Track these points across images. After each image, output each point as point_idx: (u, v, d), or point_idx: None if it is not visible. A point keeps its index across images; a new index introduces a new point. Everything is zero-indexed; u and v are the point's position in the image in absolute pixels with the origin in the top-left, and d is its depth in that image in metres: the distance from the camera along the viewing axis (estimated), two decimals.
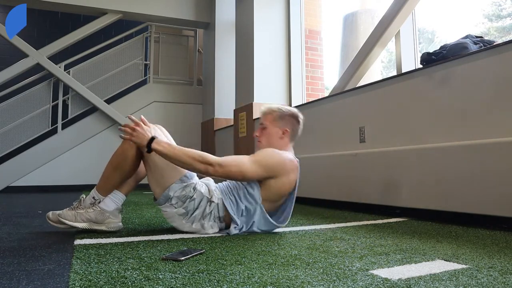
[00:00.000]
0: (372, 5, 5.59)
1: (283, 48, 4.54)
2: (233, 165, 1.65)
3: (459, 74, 2.16)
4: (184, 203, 1.68)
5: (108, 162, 1.75)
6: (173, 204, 1.68)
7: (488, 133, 1.97)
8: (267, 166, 1.69)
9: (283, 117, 1.84)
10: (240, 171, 1.66)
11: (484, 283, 0.97)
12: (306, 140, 3.48)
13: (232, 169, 1.65)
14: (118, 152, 1.73)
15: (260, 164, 1.68)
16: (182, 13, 5.78)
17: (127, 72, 5.90)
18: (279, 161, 1.72)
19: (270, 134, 1.84)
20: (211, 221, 1.71)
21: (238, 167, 1.65)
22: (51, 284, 0.97)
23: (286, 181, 1.73)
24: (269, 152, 1.74)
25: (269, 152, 1.74)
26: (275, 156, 1.72)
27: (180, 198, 1.68)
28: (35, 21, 6.45)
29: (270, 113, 1.86)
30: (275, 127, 1.83)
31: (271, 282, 0.98)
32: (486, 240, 1.57)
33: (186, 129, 5.92)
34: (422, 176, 2.25)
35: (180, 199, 1.68)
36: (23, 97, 5.40)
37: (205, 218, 1.70)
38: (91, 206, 1.73)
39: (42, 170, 5.29)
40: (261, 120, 1.88)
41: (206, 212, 1.70)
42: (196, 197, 1.69)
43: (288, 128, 1.84)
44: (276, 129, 1.83)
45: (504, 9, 4.90)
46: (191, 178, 1.72)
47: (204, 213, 1.70)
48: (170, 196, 1.67)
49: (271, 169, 1.69)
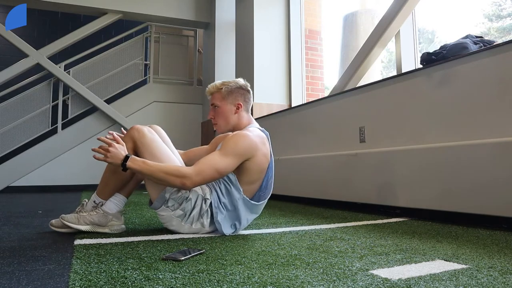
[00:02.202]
0: (372, 5, 5.59)
1: (283, 48, 4.55)
2: (207, 167, 1.59)
3: (459, 74, 2.16)
4: (180, 204, 1.67)
5: (106, 167, 1.75)
6: (169, 207, 1.67)
7: (488, 133, 1.97)
8: (238, 153, 1.63)
9: (232, 92, 1.78)
10: (216, 170, 1.60)
11: (484, 283, 0.97)
12: (306, 140, 3.49)
13: (208, 172, 1.58)
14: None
15: (232, 154, 1.62)
16: (182, 13, 5.78)
17: (127, 72, 5.90)
18: (248, 143, 1.65)
19: (224, 113, 1.78)
20: (209, 218, 1.70)
21: (212, 168, 1.59)
22: (51, 284, 0.97)
23: (262, 156, 1.69)
24: (235, 138, 1.66)
25: (235, 139, 1.65)
26: (242, 139, 1.65)
27: (176, 200, 1.67)
28: (35, 21, 6.45)
29: (217, 91, 1.80)
30: (227, 104, 1.78)
31: (271, 282, 0.98)
32: (486, 240, 1.57)
33: (186, 129, 5.92)
34: (422, 176, 2.25)
35: (176, 201, 1.67)
36: (23, 97, 5.40)
37: (203, 217, 1.69)
38: (94, 209, 1.73)
39: (42, 170, 5.29)
40: (211, 100, 1.82)
41: (203, 210, 1.69)
42: (192, 197, 1.68)
43: (240, 101, 1.79)
44: (229, 106, 1.78)
45: (504, 9, 4.90)
46: None
47: (201, 212, 1.69)
48: (166, 198, 1.66)
49: (244, 154, 1.64)
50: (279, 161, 3.43)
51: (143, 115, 5.69)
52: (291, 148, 3.60)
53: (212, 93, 1.82)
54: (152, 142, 1.70)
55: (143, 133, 1.69)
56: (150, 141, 1.69)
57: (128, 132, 1.72)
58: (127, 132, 1.73)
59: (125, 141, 1.69)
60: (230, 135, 1.70)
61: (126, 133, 1.73)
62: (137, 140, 1.68)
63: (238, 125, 1.80)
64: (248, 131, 1.71)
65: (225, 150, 1.63)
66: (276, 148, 2.64)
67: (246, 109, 1.82)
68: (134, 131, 1.71)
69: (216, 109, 1.80)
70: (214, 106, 1.81)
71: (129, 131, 1.72)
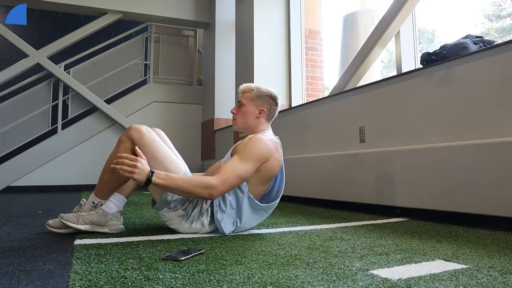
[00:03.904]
0: (372, 5, 5.59)
1: (283, 48, 4.55)
2: (231, 175, 1.61)
3: (459, 74, 2.16)
4: (183, 205, 1.68)
5: (104, 167, 1.73)
6: (172, 208, 1.67)
7: (488, 133, 1.97)
8: (256, 157, 1.66)
9: (261, 97, 1.83)
10: (239, 177, 1.62)
11: (484, 283, 0.97)
12: (306, 140, 3.49)
13: (232, 179, 1.61)
14: (113, 155, 1.69)
15: (250, 158, 1.65)
16: (182, 13, 5.78)
17: (127, 72, 5.90)
18: (264, 147, 1.69)
19: (246, 113, 1.82)
20: (209, 217, 1.70)
21: (235, 175, 1.62)
22: (51, 284, 0.97)
23: (275, 161, 1.72)
24: (251, 143, 1.69)
25: (252, 143, 1.68)
26: (258, 143, 1.68)
27: (179, 202, 1.67)
28: (35, 21, 6.45)
29: (248, 91, 1.85)
30: (252, 106, 1.82)
31: (271, 282, 0.98)
32: (486, 240, 1.57)
33: (186, 129, 5.92)
34: (422, 176, 2.25)
35: (178, 202, 1.67)
36: (23, 97, 5.39)
37: (203, 216, 1.69)
38: (93, 209, 1.72)
39: (42, 170, 5.29)
40: (240, 98, 1.87)
41: (204, 210, 1.69)
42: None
43: (265, 108, 1.82)
44: (252, 108, 1.82)
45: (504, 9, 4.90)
46: None
47: (201, 211, 1.69)
48: (168, 200, 1.66)
49: (260, 158, 1.67)
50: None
51: (143, 115, 5.69)
52: (291, 148, 3.59)
53: (244, 92, 1.86)
54: (152, 142, 1.68)
55: (142, 133, 1.67)
56: (150, 141, 1.67)
57: (126, 132, 1.70)
58: (125, 132, 1.70)
59: (122, 141, 1.68)
60: (245, 140, 1.72)
61: (124, 133, 1.70)
62: (136, 141, 1.66)
63: (254, 129, 1.82)
64: (263, 135, 1.73)
65: (244, 156, 1.65)
66: None
67: (267, 118, 1.85)
68: (132, 131, 1.68)
69: (241, 107, 1.84)
70: (240, 103, 1.85)
71: (127, 131, 1.70)
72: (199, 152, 5.97)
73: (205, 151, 5.83)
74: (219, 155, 5.33)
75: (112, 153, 1.72)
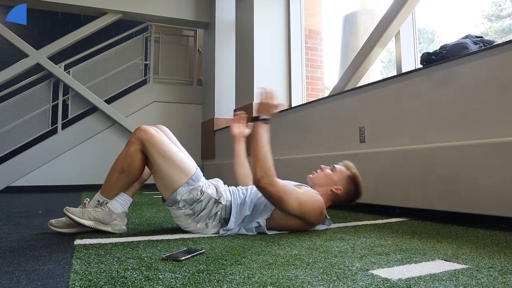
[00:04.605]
0: (372, 5, 5.59)
1: (283, 48, 4.54)
2: (280, 187, 1.61)
3: (459, 74, 2.16)
4: (191, 205, 1.68)
5: (112, 167, 1.73)
6: (180, 207, 1.68)
7: (488, 133, 1.97)
8: (305, 211, 1.67)
9: (349, 181, 1.85)
10: (281, 197, 1.60)
11: (484, 283, 0.97)
12: (306, 140, 3.49)
13: (275, 189, 1.60)
14: (123, 156, 1.70)
15: (302, 205, 1.65)
16: (182, 13, 5.78)
17: (127, 72, 5.90)
18: (316, 210, 1.70)
19: (329, 179, 1.84)
20: (215, 221, 1.71)
21: (282, 193, 1.60)
22: (51, 284, 0.97)
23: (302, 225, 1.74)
24: (314, 197, 1.71)
25: (314, 198, 1.71)
26: (316, 203, 1.70)
27: (187, 202, 1.67)
28: (35, 21, 6.45)
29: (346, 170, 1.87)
30: (338, 182, 1.84)
31: (271, 282, 0.98)
32: (486, 240, 1.57)
33: (186, 129, 5.91)
34: (422, 176, 2.25)
35: (187, 202, 1.67)
36: (23, 97, 5.39)
37: (211, 219, 1.70)
38: (99, 206, 1.72)
39: (42, 170, 5.29)
40: (339, 165, 1.89)
41: (212, 213, 1.70)
42: (204, 199, 1.69)
43: (343, 190, 1.83)
44: (337, 183, 1.83)
45: (504, 9, 4.90)
46: (198, 181, 1.70)
47: (210, 214, 1.70)
48: (177, 200, 1.66)
49: (305, 214, 1.68)
50: (278, 161, 3.43)
51: (143, 115, 5.69)
52: (291, 148, 3.59)
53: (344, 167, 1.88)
54: (162, 143, 1.69)
55: (151, 134, 1.68)
56: (159, 142, 1.68)
57: (135, 133, 1.70)
58: (134, 133, 1.70)
59: (132, 142, 1.69)
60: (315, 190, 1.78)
61: (133, 134, 1.71)
62: (145, 141, 1.66)
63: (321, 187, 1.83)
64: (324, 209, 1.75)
65: (303, 198, 1.67)
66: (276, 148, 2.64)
67: (334, 197, 1.85)
68: (141, 132, 1.69)
69: (331, 171, 1.87)
70: (334, 169, 1.87)
71: (135, 132, 1.70)
72: (199, 152, 5.97)
73: (205, 151, 5.83)
74: (219, 155, 5.33)
75: (121, 154, 1.71)
